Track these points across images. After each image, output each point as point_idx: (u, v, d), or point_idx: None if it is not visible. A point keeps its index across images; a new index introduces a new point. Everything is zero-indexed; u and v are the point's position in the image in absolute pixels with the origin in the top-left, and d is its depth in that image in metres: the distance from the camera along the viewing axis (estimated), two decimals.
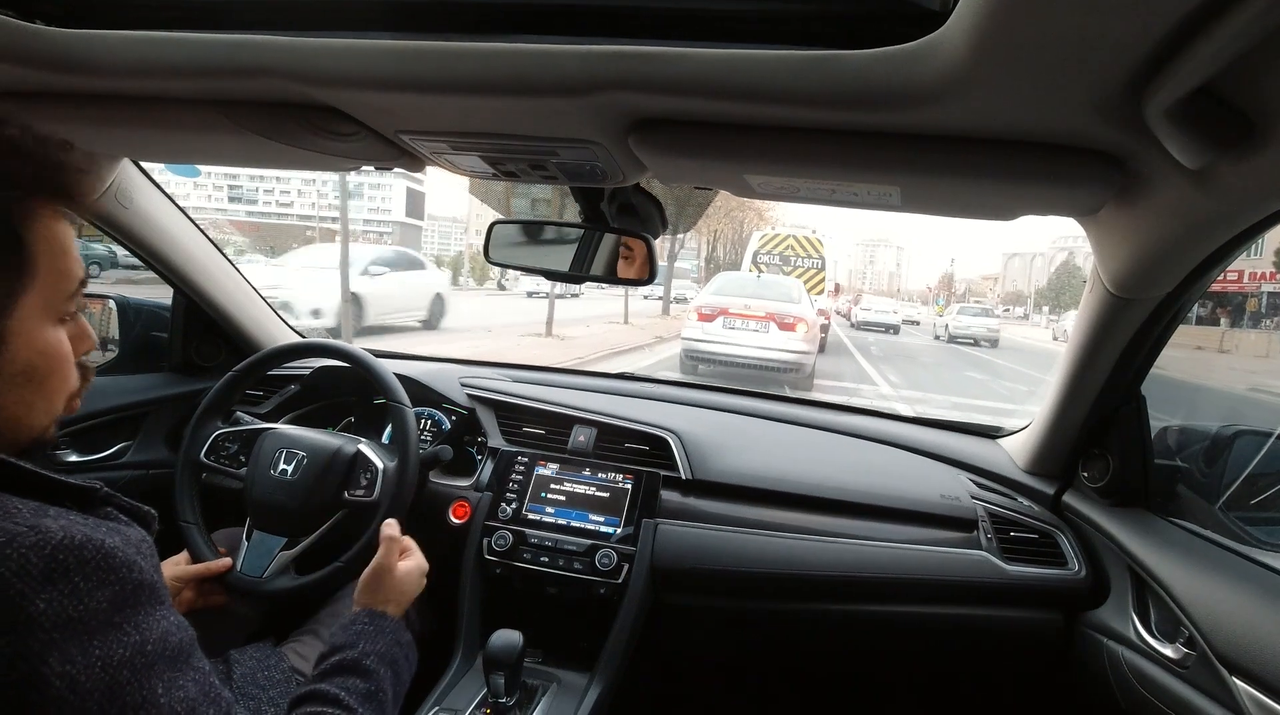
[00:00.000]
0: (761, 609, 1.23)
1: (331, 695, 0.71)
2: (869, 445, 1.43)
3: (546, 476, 1.30)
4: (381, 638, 0.81)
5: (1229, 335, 10.60)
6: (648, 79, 0.61)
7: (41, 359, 0.55)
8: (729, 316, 7.62)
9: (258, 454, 1.19)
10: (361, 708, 0.72)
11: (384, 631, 0.82)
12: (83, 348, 0.62)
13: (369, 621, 0.83)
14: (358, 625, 0.82)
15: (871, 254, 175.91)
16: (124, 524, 0.56)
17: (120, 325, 1.58)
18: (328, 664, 0.76)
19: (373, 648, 0.79)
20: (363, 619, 0.84)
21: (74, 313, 0.59)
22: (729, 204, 19.06)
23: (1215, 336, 10.06)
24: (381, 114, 0.78)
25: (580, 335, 11.12)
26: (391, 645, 0.82)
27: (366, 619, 0.84)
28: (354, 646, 0.78)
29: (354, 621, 0.83)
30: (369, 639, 0.80)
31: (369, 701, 0.73)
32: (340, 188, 8.09)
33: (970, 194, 0.79)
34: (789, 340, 7.47)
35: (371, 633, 0.81)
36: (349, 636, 0.80)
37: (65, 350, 0.58)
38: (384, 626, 0.83)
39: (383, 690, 0.76)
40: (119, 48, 0.70)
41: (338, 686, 0.72)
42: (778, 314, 7.53)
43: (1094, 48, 0.48)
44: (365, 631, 0.81)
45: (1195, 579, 0.92)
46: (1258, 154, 0.57)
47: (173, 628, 0.54)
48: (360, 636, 0.80)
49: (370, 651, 0.78)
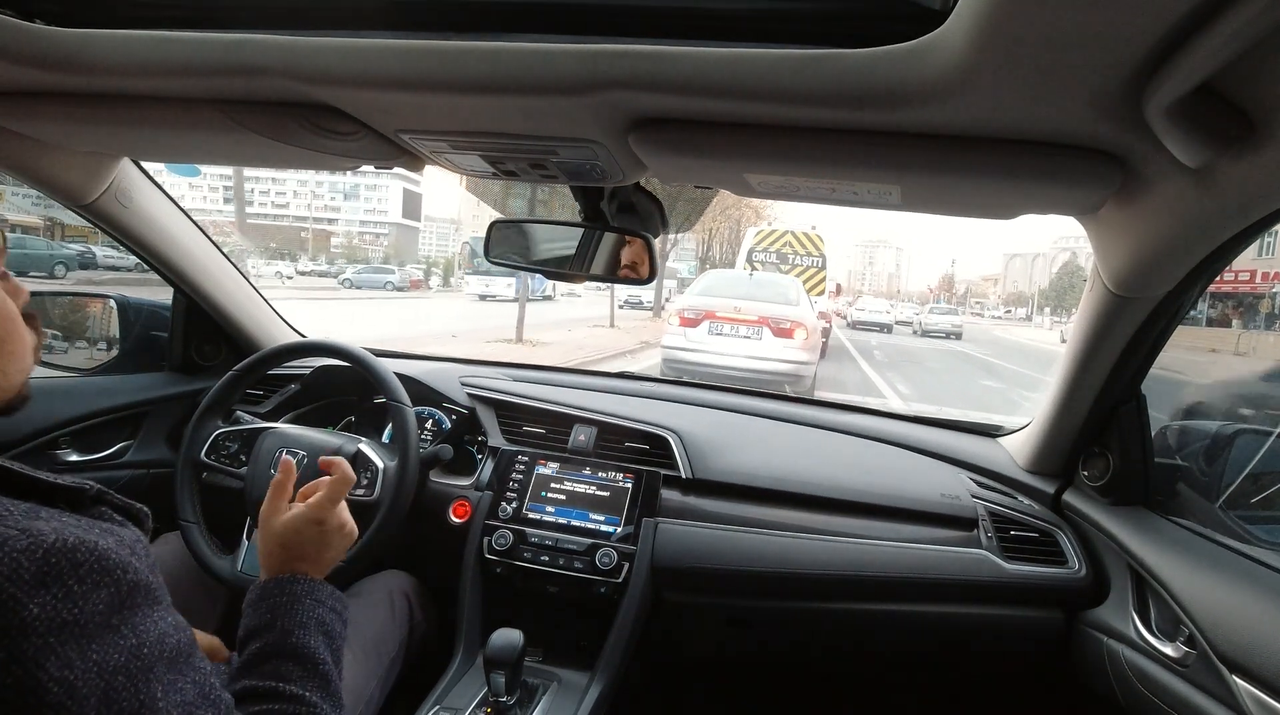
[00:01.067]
0: (762, 608, 1.23)
1: (266, 689, 0.64)
2: (869, 444, 1.43)
3: (547, 476, 1.30)
4: (299, 605, 0.71)
5: (1245, 337, 10.39)
6: (648, 78, 0.61)
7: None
8: (716, 320, 6.57)
9: (258, 453, 1.19)
10: (305, 690, 0.65)
11: (299, 597, 0.72)
12: (20, 301, 0.62)
13: (279, 591, 0.72)
14: (268, 599, 0.71)
15: (871, 255, 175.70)
16: (118, 524, 0.56)
17: (120, 325, 1.58)
18: (250, 652, 0.67)
19: (293, 621, 0.69)
20: (272, 590, 0.72)
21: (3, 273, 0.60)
22: (725, 202, 18.97)
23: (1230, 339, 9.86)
24: (381, 113, 0.78)
25: (556, 340, 10.41)
26: (313, 608, 0.71)
27: (276, 589, 0.72)
28: (272, 627, 0.69)
29: (264, 596, 0.72)
30: (285, 612, 0.70)
31: (310, 680, 0.66)
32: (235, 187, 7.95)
33: (970, 193, 0.79)
34: (785, 348, 6.44)
35: (286, 604, 0.71)
36: (261, 616, 0.70)
37: (8, 309, 0.59)
38: (297, 592, 0.72)
39: (321, 662, 0.68)
40: (119, 47, 0.70)
41: (270, 677, 0.65)
42: (772, 318, 6.49)
43: (1094, 46, 0.48)
44: (279, 605, 0.71)
45: (1195, 577, 0.92)
46: (1258, 152, 0.57)
47: (170, 629, 0.53)
48: (275, 612, 0.70)
49: (292, 626, 0.69)
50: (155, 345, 1.57)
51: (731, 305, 6.63)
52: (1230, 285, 11.96)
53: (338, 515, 0.83)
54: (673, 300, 10.62)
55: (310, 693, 0.65)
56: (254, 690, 0.64)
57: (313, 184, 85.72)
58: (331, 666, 0.69)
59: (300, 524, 0.79)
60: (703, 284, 8.04)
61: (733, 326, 6.56)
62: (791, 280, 8.22)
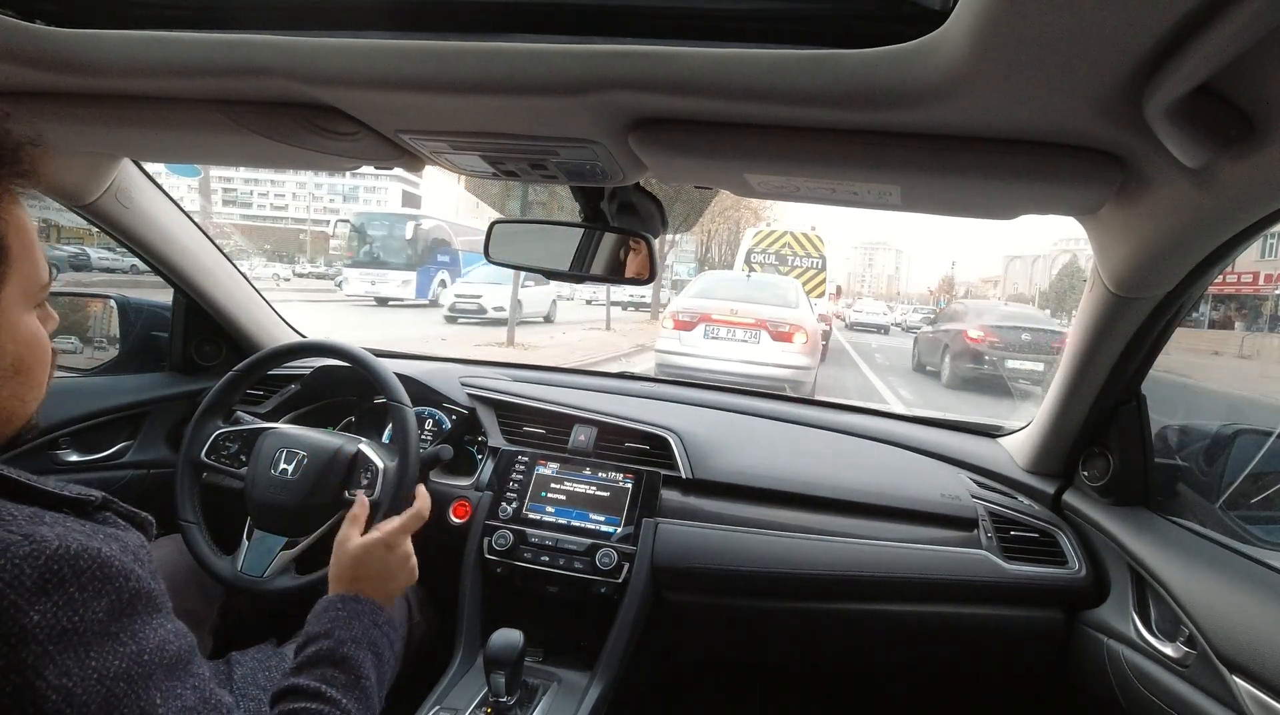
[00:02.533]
0: (762, 608, 1.23)
1: (311, 689, 0.68)
2: (869, 444, 1.43)
3: (547, 476, 1.30)
4: (357, 622, 0.76)
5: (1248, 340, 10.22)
6: (648, 78, 0.61)
7: (27, 350, 0.55)
8: (711, 323, 6.26)
9: (258, 454, 1.19)
10: (345, 698, 0.69)
11: (359, 615, 0.77)
12: (49, 327, 0.62)
13: (341, 606, 0.78)
14: (330, 611, 0.77)
15: (870, 257, 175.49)
16: (121, 530, 0.56)
17: (121, 325, 1.58)
18: (304, 655, 0.72)
19: (348, 634, 0.74)
20: (335, 604, 0.78)
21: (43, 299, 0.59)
22: (723, 202, 18.85)
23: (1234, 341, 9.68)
24: (382, 113, 0.78)
25: (548, 343, 10.09)
26: (369, 628, 0.77)
27: (339, 604, 0.78)
28: (329, 635, 0.74)
29: (327, 608, 0.78)
30: (343, 625, 0.75)
31: (351, 691, 0.70)
32: None
33: (970, 193, 0.79)
34: (784, 353, 6.14)
35: (345, 618, 0.76)
36: (322, 625, 0.75)
37: (44, 338, 0.58)
38: (358, 610, 0.78)
39: (365, 677, 0.72)
40: (119, 48, 0.70)
41: (317, 679, 0.69)
42: (771, 321, 6.20)
43: (1094, 46, 0.48)
44: (339, 617, 0.76)
45: (1195, 578, 0.92)
46: (1258, 152, 0.57)
47: (170, 635, 0.53)
48: (334, 623, 0.75)
49: (346, 638, 0.74)
50: (155, 345, 1.57)
51: (728, 307, 6.35)
52: (1233, 287, 11.90)
53: (406, 544, 0.91)
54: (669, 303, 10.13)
55: (348, 700, 0.69)
56: (300, 688, 0.68)
57: (311, 186, 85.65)
58: (374, 684, 0.74)
59: (371, 546, 0.87)
60: (699, 285, 7.77)
61: (729, 330, 6.26)
62: (791, 282, 7.95)
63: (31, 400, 0.57)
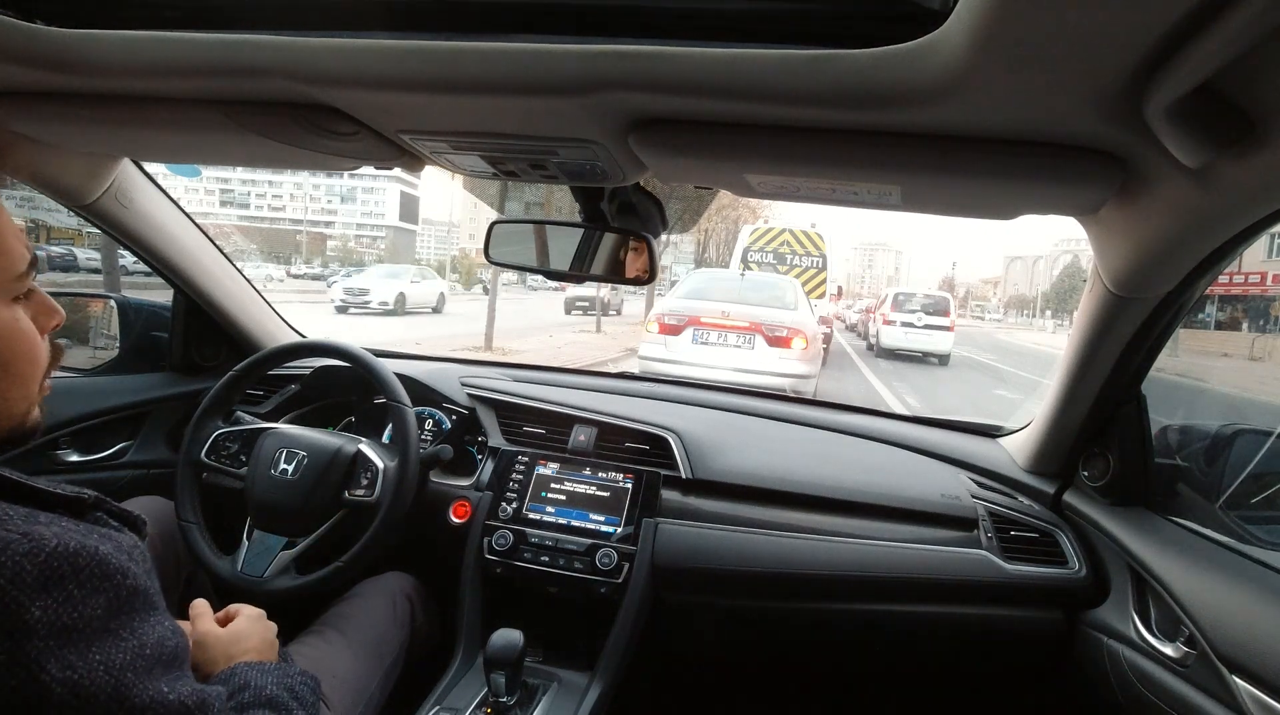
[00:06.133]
0: (762, 608, 1.23)
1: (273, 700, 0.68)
2: (869, 444, 1.43)
3: (547, 476, 1.30)
4: (267, 674, 0.74)
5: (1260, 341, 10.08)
6: (648, 78, 0.61)
7: (3, 344, 0.54)
8: (700, 327, 5.65)
9: (258, 454, 1.19)
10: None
11: (264, 671, 0.75)
12: (50, 323, 0.60)
13: (245, 669, 0.75)
14: (236, 676, 0.73)
15: (870, 258, 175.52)
16: (115, 529, 0.56)
17: (120, 325, 1.58)
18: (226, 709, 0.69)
19: (265, 681, 0.73)
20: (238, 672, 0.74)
21: (29, 291, 0.57)
22: (721, 201, 18.68)
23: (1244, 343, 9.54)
24: (382, 114, 0.78)
25: (533, 347, 9.57)
26: (281, 676, 0.75)
27: (243, 669, 0.75)
28: (247, 686, 0.71)
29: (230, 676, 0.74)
30: (256, 677, 0.73)
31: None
32: None
33: (970, 193, 0.79)
34: (781, 360, 5.52)
35: (254, 674, 0.74)
36: (233, 685, 0.72)
37: (24, 327, 0.56)
38: (261, 668, 0.76)
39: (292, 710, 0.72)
40: (119, 48, 0.70)
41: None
42: (766, 324, 5.60)
43: (1094, 46, 0.48)
44: (248, 674, 0.73)
45: (1195, 578, 0.92)
46: (1258, 152, 0.57)
47: (168, 633, 0.54)
48: (246, 679, 0.73)
49: (264, 684, 0.72)
50: (156, 345, 1.57)
51: (719, 309, 5.74)
52: (1240, 287, 11.84)
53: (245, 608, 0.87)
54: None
55: None
56: None
57: (309, 187, 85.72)
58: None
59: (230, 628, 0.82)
60: (688, 285, 7.10)
61: (720, 334, 5.63)
62: (790, 281, 7.30)
63: (18, 398, 0.56)
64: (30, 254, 0.57)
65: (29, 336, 0.56)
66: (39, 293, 0.60)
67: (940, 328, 12.52)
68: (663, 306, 6.33)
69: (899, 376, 10.15)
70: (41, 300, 0.60)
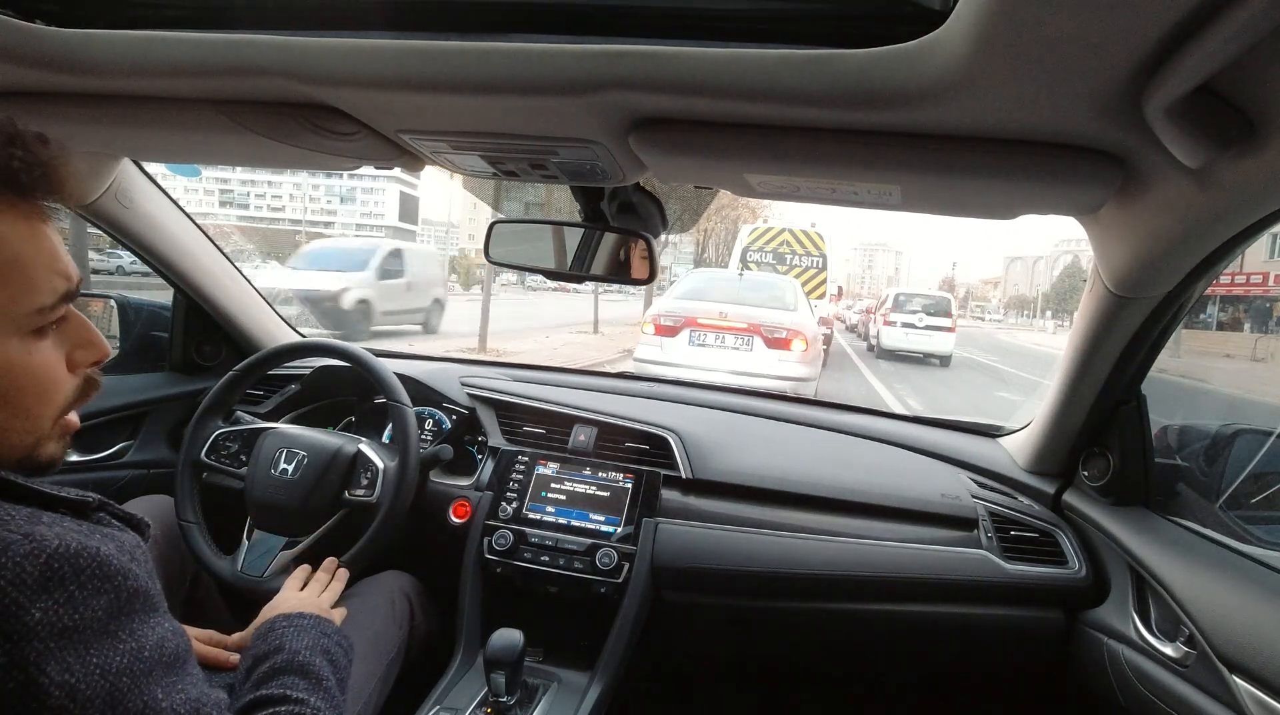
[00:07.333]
0: (762, 608, 1.23)
1: (277, 696, 0.67)
2: (869, 444, 1.43)
3: (547, 476, 1.30)
4: (305, 634, 0.77)
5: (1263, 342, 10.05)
6: (648, 78, 0.61)
7: (9, 380, 0.51)
8: (697, 328, 5.52)
9: (258, 453, 1.19)
10: (312, 697, 0.69)
11: (305, 629, 0.78)
12: (87, 358, 0.57)
13: (286, 623, 0.79)
14: (276, 629, 0.78)
15: (870, 258, 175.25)
16: (118, 530, 0.56)
17: (121, 325, 1.58)
18: (259, 673, 0.72)
19: (300, 644, 0.75)
20: (279, 622, 0.79)
21: (54, 323, 0.54)
22: (720, 201, 18.61)
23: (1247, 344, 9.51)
24: (382, 113, 0.78)
25: (528, 349, 9.36)
26: (319, 637, 0.78)
27: (284, 621, 0.79)
28: (280, 650, 0.74)
29: (271, 627, 0.78)
30: (293, 637, 0.76)
31: (316, 691, 0.71)
32: None
33: (970, 193, 0.79)
34: (780, 362, 5.41)
35: (293, 632, 0.77)
36: (270, 643, 0.76)
37: (36, 363, 0.53)
38: (303, 625, 0.79)
39: (325, 679, 0.73)
40: (119, 48, 0.70)
41: (280, 687, 0.69)
42: (765, 325, 5.48)
43: (1094, 46, 0.48)
44: (286, 632, 0.77)
45: (1195, 578, 0.92)
46: (1258, 152, 0.57)
47: (168, 634, 0.53)
48: (283, 638, 0.76)
49: (299, 648, 0.75)
50: (155, 345, 1.57)
51: (717, 310, 5.61)
52: (1241, 288, 11.82)
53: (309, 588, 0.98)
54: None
55: (315, 699, 0.69)
56: (262, 699, 0.67)
57: (309, 187, 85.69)
58: (335, 685, 0.74)
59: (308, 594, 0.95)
60: (685, 285, 6.97)
61: (718, 336, 5.50)
62: (789, 281, 7.19)
63: (21, 431, 0.53)
64: (69, 285, 0.54)
65: (39, 373, 0.53)
66: (78, 325, 0.56)
67: (942, 329, 12.46)
68: (659, 307, 6.24)
69: (900, 378, 10.04)
70: (78, 333, 0.56)
